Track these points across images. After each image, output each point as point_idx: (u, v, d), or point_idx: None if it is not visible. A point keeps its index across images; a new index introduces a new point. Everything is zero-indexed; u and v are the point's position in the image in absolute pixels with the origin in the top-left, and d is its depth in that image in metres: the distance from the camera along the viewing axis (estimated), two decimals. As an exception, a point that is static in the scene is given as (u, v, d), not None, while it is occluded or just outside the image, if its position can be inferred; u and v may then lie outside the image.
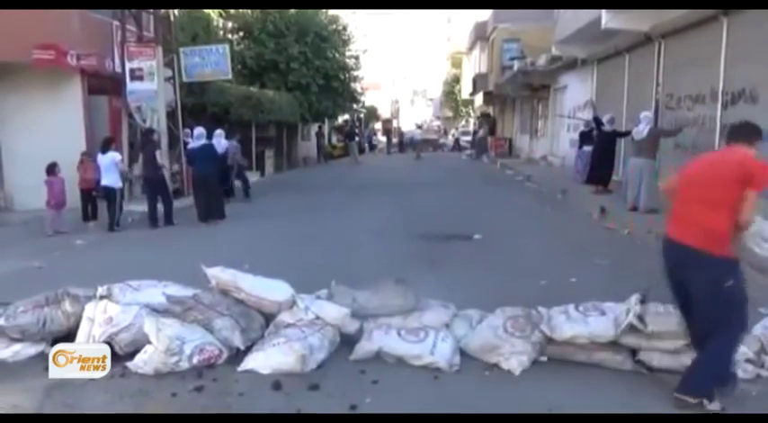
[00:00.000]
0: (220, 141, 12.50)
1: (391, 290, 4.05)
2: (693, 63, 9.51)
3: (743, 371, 3.44)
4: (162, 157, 9.73)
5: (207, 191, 9.60)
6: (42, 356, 3.77)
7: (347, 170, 22.04)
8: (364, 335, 3.79)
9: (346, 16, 23.68)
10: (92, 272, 5.57)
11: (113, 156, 9.18)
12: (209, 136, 11.91)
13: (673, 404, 3.13)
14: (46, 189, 9.05)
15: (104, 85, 11.75)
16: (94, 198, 9.54)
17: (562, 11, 15.06)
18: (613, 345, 3.57)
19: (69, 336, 3.83)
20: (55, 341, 3.86)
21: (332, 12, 22.74)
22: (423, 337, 3.63)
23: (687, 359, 3.50)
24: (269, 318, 3.93)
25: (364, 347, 3.68)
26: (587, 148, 12.86)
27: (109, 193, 9.14)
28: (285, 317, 3.85)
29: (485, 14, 30.83)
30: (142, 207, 10.01)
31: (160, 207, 9.58)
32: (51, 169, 9.14)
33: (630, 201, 9.42)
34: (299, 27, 20.73)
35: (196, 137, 10.08)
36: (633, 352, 3.60)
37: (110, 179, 9.11)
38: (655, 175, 9.49)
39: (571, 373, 3.53)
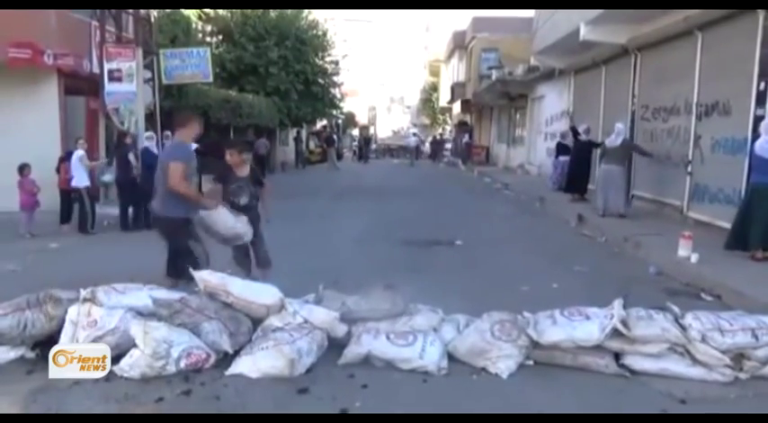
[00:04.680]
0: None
1: (380, 294, 4.07)
2: (669, 76, 9.78)
3: (721, 375, 3.55)
4: (135, 159, 9.57)
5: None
6: (23, 360, 3.71)
7: (326, 176, 22.03)
8: (353, 339, 3.79)
9: (326, 21, 23.71)
10: (67, 275, 5.47)
11: (77, 153, 9.01)
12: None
13: (655, 407, 3.22)
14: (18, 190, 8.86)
15: (82, 86, 11.55)
16: (71, 199, 9.36)
17: (541, 22, 15.32)
18: (598, 349, 3.64)
19: (51, 339, 3.74)
20: (36, 345, 3.79)
21: (311, 16, 22.76)
22: (411, 341, 3.65)
23: (669, 363, 3.61)
24: (256, 322, 3.91)
25: (353, 351, 3.68)
26: (563, 158, 13.18)
27: (76, 193, 8.99)
28: (273, 321, 3.83)
29: (463, 23, 31.21)
30: (117, 210, 9.85)
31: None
32: (21, 170, 8.95)
33: (601, 207, 9.66)
34: (280, 31, 20.70)
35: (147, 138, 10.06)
36: (617, 355, 3.68)
37: (76, 179, 8.96)
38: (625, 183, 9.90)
39: (557, 377, 3.59)
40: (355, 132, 46.67)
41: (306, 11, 22.26)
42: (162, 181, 4.76)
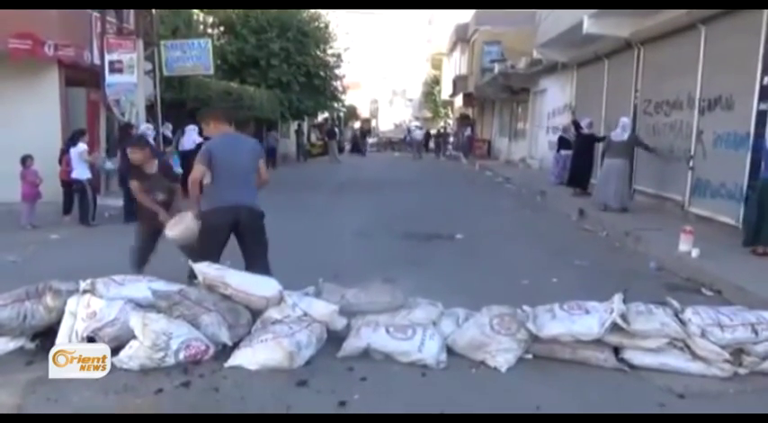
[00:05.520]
0: (190, 136, 12.44)
1: (379, 287, 4.08)
2: (672, 70, 9.72)
3: (720, 370, 3.55)
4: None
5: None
6: (23, 351, 3.72)
7: (328, 169, 22.01)
8: (352, 332, 3.79)
9: (327, 14, 23.64)
10: (67, 266, 5.46)
11: (79, 147, 9.03)
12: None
13: (654, 401, 3.22)
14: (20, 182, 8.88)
15: (82, 77, 11.51)
16: (72, 191, 9.36)
17: (544, 15, 15.24)
18: (597, 343, 3.63)
19: (50, 331, 3.76)
20: (35, 336, 3.80)
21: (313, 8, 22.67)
22: (411, 335, 3.65)
23: (668, 357, 3.61)
24: (256, 314, 3.91)
25: (352, 344, 3.68)
26: (565, 152, 13.16)
27: (77, 186, 8.99)
28: (272, 313, 3.84)
29: (466, 16, 31.04)
30: (119, 202, 9.84)
31: None
32: (24, 161, 8.97)
33: (602, 200, 9.64)
34: (281, 23, 20.62)
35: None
36: (616, 350, 3.67)
37: (78, 171, 8.97)
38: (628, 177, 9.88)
39: (556, 371, 3.59)
40: (357, 125, 46.58)
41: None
42: (250, 176, 4.63)
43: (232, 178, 4.48)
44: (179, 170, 11.51)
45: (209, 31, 20.05)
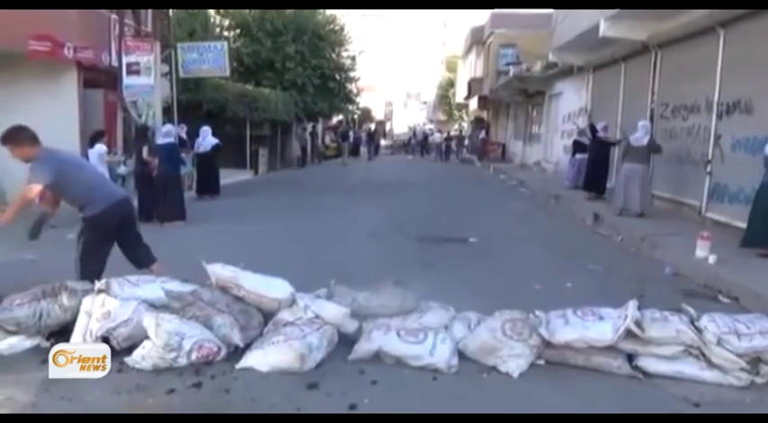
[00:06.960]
0: (206, 137, 12.50)
1: (390, 291, 4.07)
2: (689, 73, 9.62)
3: (737, 379, 3.49)
4: (147, 152, 9.63)
5: (165, 191, 9.38)
6: (38, 350, 3.75)
7: (341, 170, 22.07)
8: (363, 335, 3.79)
9: (343, 17, 23.75)
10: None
11: (99, 148, 9.15)
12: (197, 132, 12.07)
13: (668, 410, 3.17)
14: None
15: (100, 79, 11.66)
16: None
17: (560, 17, 15.16)
18: (611, 349, 3.59)
19: (66, 329, 3.80)
20: (51, 335, 3.85)
21: (329, 11, 22.80)
22: (422, 339, 3.63)
23: (683, 365, 3.55)
24: (268, 316, 3.92)
25: (363, 347, 3.68)
26: (580, 156, 13.06)
27: None
28: (284, 315, 3.85)
29: (481, 19, 30.98)
30: (134, 203, 9.94)
31: None
32: None
33: (619, 205, 9.51)
34: (297, 26, 20.77)
35: (163, 135, 9.90)
36: (630, 357, 3.63)
37: None
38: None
39: (568, 377, 3.55)
40: (373, 127, 46.64)
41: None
42: None
43: (99, 178, 4.70)
44: (186, 169, 11.66)
45: (226, 33, 20.24)
